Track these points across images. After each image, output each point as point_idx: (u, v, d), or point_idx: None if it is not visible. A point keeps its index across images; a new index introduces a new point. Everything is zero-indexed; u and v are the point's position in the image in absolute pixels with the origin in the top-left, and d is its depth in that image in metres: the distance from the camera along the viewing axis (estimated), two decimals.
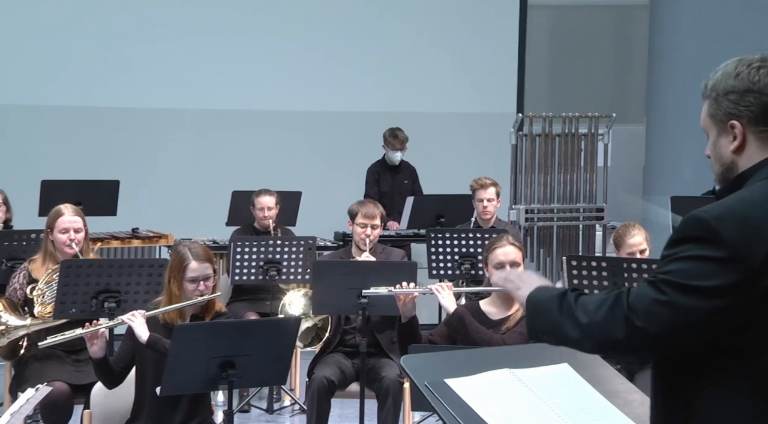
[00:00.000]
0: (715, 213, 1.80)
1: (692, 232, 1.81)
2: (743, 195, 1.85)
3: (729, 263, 1.76)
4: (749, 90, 1.88)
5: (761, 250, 1.76)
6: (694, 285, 1.77)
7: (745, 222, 1.78)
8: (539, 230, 7.30)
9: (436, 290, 4.22)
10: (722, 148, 1.92)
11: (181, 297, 3.83)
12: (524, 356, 2.47)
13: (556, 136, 7.27)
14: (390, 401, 4.58)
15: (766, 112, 1.87)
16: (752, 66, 1.89)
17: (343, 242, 6.88)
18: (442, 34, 8.39)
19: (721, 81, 1.91)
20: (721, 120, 1.91)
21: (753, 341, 1.78)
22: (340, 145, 8.29)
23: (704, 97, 1.95)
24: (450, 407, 2.17)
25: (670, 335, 1.80)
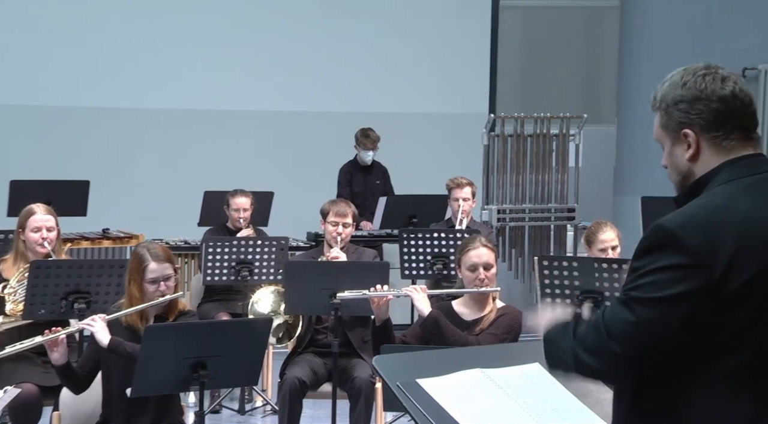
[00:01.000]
0: (678, 221, 1.82)
1: (657, 241, 1.83)
2: (704, 201, 1.87)
3: (694, 269, 1.78)
4: (698, 98, 1.89)
5: (724, 254, 1.78)
6: (664, 296, 1.79)
7: (708, 228, 1.80)
8: (511, 230, 7.33)
9: (412, 291, 4.23)
10: (678, 158, 1.94)
11: (142, 299, 3.80)
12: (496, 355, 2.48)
13: (527, 136, 7.31)
14: (362, 401, 4.58)
15: (717, 118, 1.89)
16: (697, 74, 1.91)
17: (315, 242, 6.86)
18: (415, 34, 8.40)
19: (669, 91, 1.93)
20: (674, 130, 1.93)
21: (721, 344, 1.80)
22: (312, 145, 8.28)
23: (654, 109, 1.97)
24: (422, 407, 2.17)
25: (647, 353, 1.83)
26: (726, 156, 1.90)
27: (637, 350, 1.82)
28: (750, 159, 1.89)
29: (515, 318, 4.12)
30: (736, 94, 1.90)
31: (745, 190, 1.86)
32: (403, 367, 2.36)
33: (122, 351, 3.70)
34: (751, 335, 1.79)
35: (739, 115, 1.90)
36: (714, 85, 1.89)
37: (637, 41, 8.55)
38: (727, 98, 1.89)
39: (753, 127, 1.93)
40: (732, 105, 1.89)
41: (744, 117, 1.91)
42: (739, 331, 1.79)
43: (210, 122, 8.25)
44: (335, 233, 5.07)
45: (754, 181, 1.87)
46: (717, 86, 1.89)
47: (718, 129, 1.89)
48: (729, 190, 1.86)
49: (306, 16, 8.35)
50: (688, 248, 1.78)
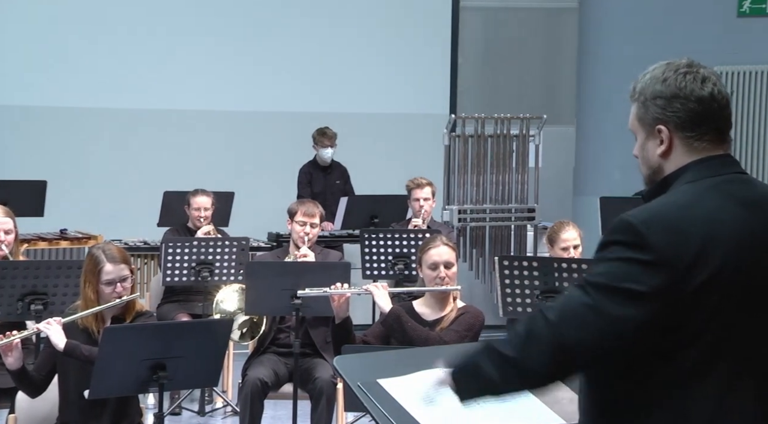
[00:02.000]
0: (642, 217, 1.83)
1: (620, 236, 1.83)
2: (670, 199, 1.88)
3: (656, 267, 1.78)
4: (676, 96, 1.90)
5: (688, 253, 1.78)
6: (623, 287, 1.79)
7: (672, 226, 1.80)
8: (472, 230, 7.36)
9: (372, 288, 4.23)
10: (649, 152, 1.94)
11: (98, 301, 3.76)
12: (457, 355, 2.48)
13: (488, 137, 7.34)
14: (323, 401, 4.57)
15: (692, 118, 1.89)
16: (679, 71, 1.91)
17: (276, 242, 6.84)
18: (375, 35, 8.40)
19: (649, 85, 1.93)
20: (649, 124, 1.93)
21: (681, 342, 1.81)
22: (273, 145, 8.24)
23: (632, 100, 1.97)
24: (382, 407, 2.17)
25: (595, 341, 1.81)
26: (696, 156, 1.90)
27: (586, 337, 1.80)
28: (718, 159, 1.90)
29: (476, 317, 4.14)
30: (715, 95, 1.90)
31: (711, 190, 1.86)
32: (364, 367, 2.36)
33: (79, 354, 3.66)
34: (712, 333, 1.80)
35: (715, 117, 1.91)
36: (694, 85, 1.89)
37: (596, 42, 8.63)
38: (705, 100, 1.89)
39: (727, 129, 1.94)
40: (709, 107, 1.90)
41: (719, 119, 1.91)
42: (700, 329, 1.80)
43: (170, 122, 8.19)
44: (303, 233, 5.07)
45: (719, 182, 1.88)
46: (696, 86, 1.89)
47: (693, 129, 1.90)
48: (694, 190, 1.87)
49: (266, 17, 8.32)
50: (650, 245, 1.79)
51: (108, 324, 3.78)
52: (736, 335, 1.81)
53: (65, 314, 3.82)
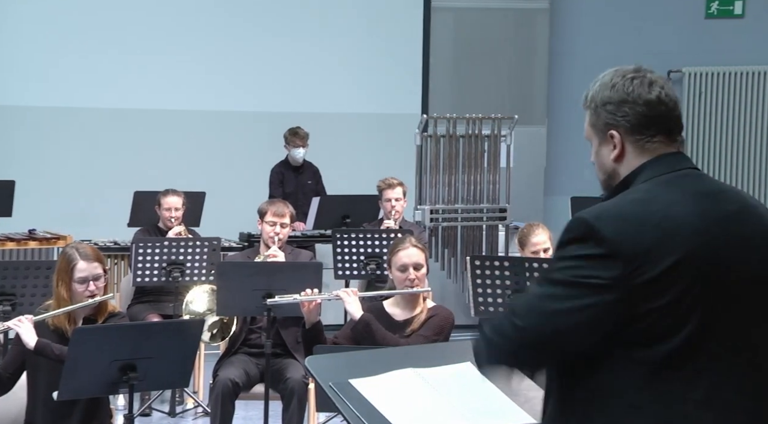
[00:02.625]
0: (595, 213, 1.87)
1: (574, 232, 1.87)
2: (626, 196, 1.91)
3: (609, 259, 1.81)
4: (624, 100, 1.93)
5: (642, 244, 1.81)
6: (580, 282, 1.82)
7: (625, 218, 1.84)
8: (444, 230, 7.38)
9: (343, 294, 4.22)
10: (604, 157, 1.98)
11: (71, 300, 3.73)
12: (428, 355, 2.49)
13: (460, 137, 7.36)
14: (295, 402, 4.56)
15: (641, 121, 1.93)
16: (626, 77, 1.95)
17: (248, 242, 6.82)
18: (347, 35, 8.39)
19: (599, 92, 1.97)
20: (601, 130, 1.97)
21: (637, 334, 1.82)
22: (244, 145, 8.21)
23: (585, 108, 2.01)
24: (354, 408, 2.17)
25: (554, 335, 1.84)
26: (648, 157, 1.94)
27: (540, 326, 1.84)
28: (671, 156, 1.94)
29: (446, 318, 4.14)
30: (662, 98, 1.94)
31: (665, 184, 1.90)
32: (335, 367, 2.36)
33: (49, 353, 3.63)
34: (667, 326, 1.82)
35: (664, 119, 1.94)
36: (641, 89, 1.93)
37: (567, 43, 8.68)
38: (653, 103, 1.93)
39: (677, 130, 1.97)
40: (657, 110, 1.93)
41: (668, 121, 1.95)
42: (655, 322, 1.81)
43: (140, 122, 8.13)
44: (273, 233, 5.06)
45: (673, 177, 1.91)
46: (644, 90, 1.93)
47: (642, 132, 1.94)
48: (648, 186, 1.91)
49: (239, 18, 8.29)
50: (603, 238, 1.82)
51: (80, 325, 3.75)
52: (701, 325, 1.83)
53: (36, 313, 3.78)
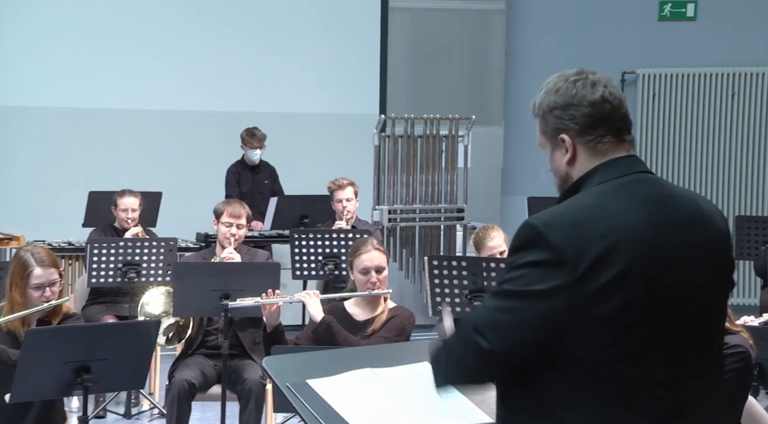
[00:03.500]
0: (544, 219, 1.87)
1: (524, 238, 1.88)
2: (575, 201, 1.92)
3: (558, 265, 1.82)
4: (570, 103, 1.95)
5: (590, 252, 1.82)
6: (529, 291, 1.84)
7: (575, 225, 1.84)
8: (402, 231, 7.38)
9: (304, 297, 4.21)
10: (557, 162, 2.00)
11: (25, 304, 3.68)
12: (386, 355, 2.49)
13: (417, 137, 7.37)
14: (252, 403, 4.54)
15: (589, 122, 1.95)
16: (569, 80, 1.97)
17: (205, 242, 6.78)
18: (304, 34, 8.37)
19: (545, 98, 1.99)
20: (552, 135, 1.99)
21: (586, 339, 1.84)
22: (201, 145, 8.16)
23: (534, 116, 2.03)
24: (312, 408, 2.17)
25: (512, 347, 1.86)
26: (600, 159, 1.95)
27: (502, 342, 1.85)
28: (622, 160, 1.95)
29: (407, 319, 4.15)
30: (606, 97, 1.95)
31: (616, 190, 1.91)
32: (293, 368, 2.35)
33: (5, 358, 3.58)
34: (614, 333, 1.83)
35: (610, 118, 1.96)
36: (584, 90, 1.95)
37: (523, 44, 8.74)
38: (597, 102, 1.95)
39: (625, 129, 1.98)
40: (602, 109, 1.95)
41: (615, 119, 1.96)
42: (603, 329, 1.83)
43: (96, 121, 8.04)
44: (229, 234, 5.03)
45: (625, 182, 1.92)
46: (587, 91, 1.95)
47: (591, 133, 1.95)
48: (600, 190, 1.91)
49: (195, 15, 8.23)
50: (551, 245, 1.83)
51: (33, 326, 3.70)
52: (647, 332, 1.85)
53: None
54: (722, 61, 8.54)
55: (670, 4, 8.65)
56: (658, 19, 8.68)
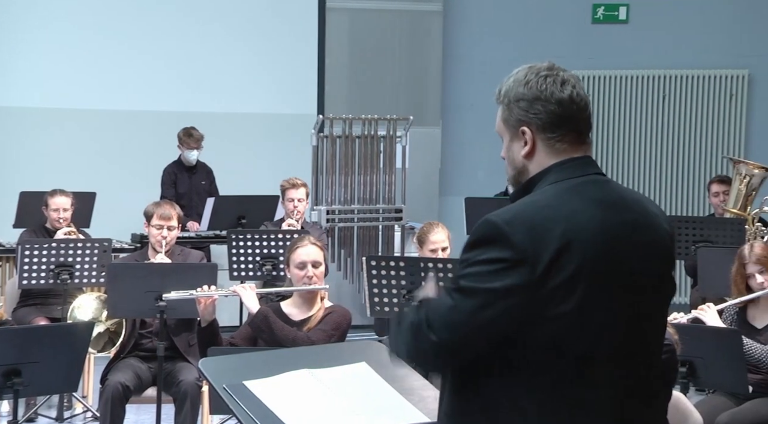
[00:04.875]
0: (505, 217, 1.88)
1: (484, 235, 1.88)
2: (532, 199, 1.93)
3: (517, 264, 1.83)
4: (537, 98, 1.95)
5: (546, 252, 1.83)
6: (485, 288, 1.84)
7: (533, 225, 1.85)
8: (340, 231, 7.38)
9: (240, 290, 4.19)
10: (514, 153, 2.00)
11: None
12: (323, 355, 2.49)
13: (356, 137, 7.38)
14: (188, 405, 4.50)
15: (553, 120, 1.95)
16: (540, 75, 1.97)
17: (140, 243, 6.69)
18: (242, 34, 8.31)
19: (512, 88, 1.98)
20: (513, 126, 1.98)
21: (541, 338, 1.86)
22: (137, 145, 8.04)
23: (498, 102, 2.02)
24: (249, 409, 2.16)
25: (464, 343, 1.87)
26: (557, 157, 1.96)
27: (454, 338, 1.86)
28: (578, 161, 1.97)
29: (343, 316, 4.15)
30: (574, 98, 1.96)
31: (571, 190, 1.93)
32: (229, 369, 2.34)
33: None
34: (568, 332, 1.85)
35: (575, 119, 1.97)
36: (554, 87, 1.95)
37: (460, 46, 8.80)
38: (565, 102, 1.95)
39: (586, 131, 2.00)
40: (569, 109, 1.96)
41: (579, 121, 1.98)
42: (558, 328, 1.85)
43: (27, 120, 7.88)
44: (160, 237, 4.98)
45: (580, 183, 1.94)
46: (556, 89, 1.95)
47: (554, 131, 1.96)
48: (556, 190, 1.93)
49: (131, 13, 8.12)
50: (512, 244, 1.84)
51: None
52: (600, 331, 1.87)
53: None
54: (653, 63, 8.71)
55: (603, 7, 8.79)
56: (592, 22, 8.81)
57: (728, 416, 4.16)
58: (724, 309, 4.46)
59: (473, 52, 8.76)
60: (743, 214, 6.49)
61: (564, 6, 8.74)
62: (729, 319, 4.47)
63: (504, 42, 8.65)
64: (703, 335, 4.06)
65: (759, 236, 6.16)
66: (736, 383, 4.10)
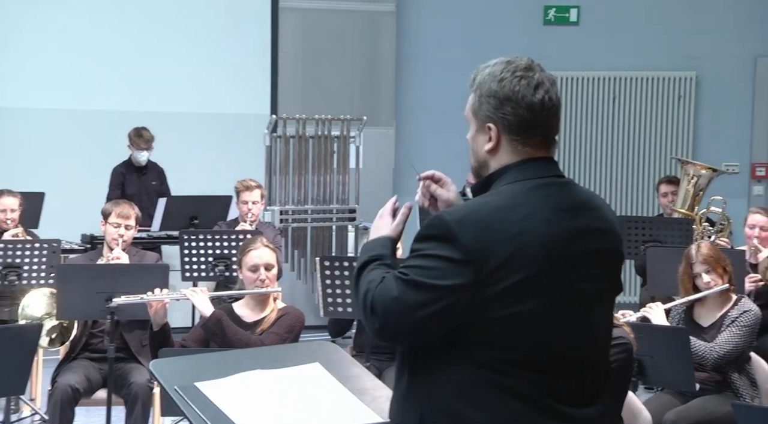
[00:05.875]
0: (457, 216, 1.89)
1: (435, 231, 1.90)
2: (486, 200, 1.94)
3: (463, 265, 1.85)
4: (508, 99, 1.95)
5: (495, 255, 1.85)
6: (431, 283, 1.86)
7: (485, 227, 1.86)
8: (294, 231, 7.36)
9: (191, 293, 4.16)
10: (478, 145, 2.01)
11: None
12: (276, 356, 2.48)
13: (309, 138, 7.36)
14: (139, 407, 4.46)
15: (521, 123, 1.95)
16: (516, 74, 1.96)
17: (91, 244, 6.62)
18: (194, 34, 8.24)
19: (486, 81, 1.98)
20: (481, 119, 1.99)
21: (485, 338, 1.87)
22: (87, 145, 7.94)
23: (471, 88, 2.02)
24: (200, 411, 2.15)
25: (403, 334, 1.90)
26: (519, 158, 1.96)
27: (393, 327, 1.89)
28: (539, 162, 1.97)
29: (297, 318, 4.15)
30: (545, 103, 1.96)
31: (528, 192, 1.93)
32: (181, 371, 2.32)
33: None
34: (511, 334, 1.87)
35: (543, 124, 1.97)
36: (526, 90, 1.95)
37: (413, 46, 8.83)
38: (536, 107, 1.95)
39: (553, 134, 2.00)
40: (538, 114, 1.95)
41: (546, 127, 1.98)
42: (501, 329, 1.86)
43: None
44: (117, 235, 4.93)
45: (537, 185, 1.94)
46: (528, 92, 1.95)
47: (519, 134, 1.96)
48: (512, 191, 1.93)
49: (80, 11, 8.01)
50: (460, 244, 1.85)
51: None
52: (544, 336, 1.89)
53: None
54: (604, 65, 8.81)
55: (555, 8, 8.87)
56: (543, 23, 8.89)
57: (675, 413, 4.23)
58: (671, 308, 4.53)
59: (426, 53, 8.79)
60: (691, 214, 6.59)
61: (516, 7, 8.80)
62: (676, 318, 4.54)
63: (456, 43, 8.69)
64: (652, 334, 4.12)
65: (706, 236, 6.26)
66: (683, 381, 4.17)
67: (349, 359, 2.50)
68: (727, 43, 8.69)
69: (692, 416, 4.20)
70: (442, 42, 8.76)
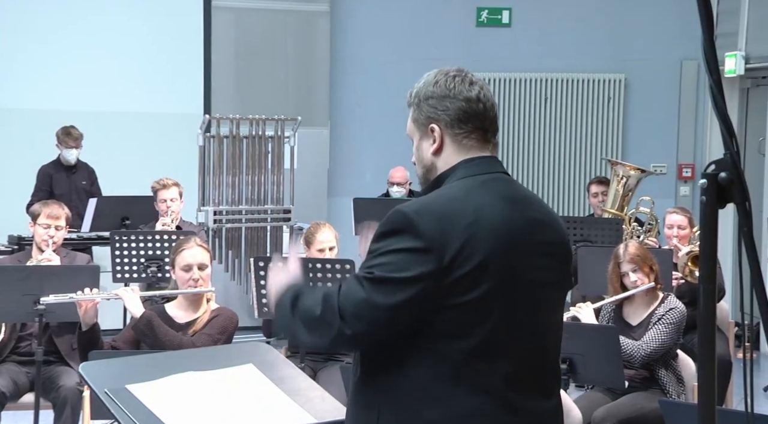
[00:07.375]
0: (414, 208, 1.95)
1: (393, 225, 1.94)
2: (441, 192, 2.01)
3: (426, 253, 1.89)
4: (446, 96, 2.05)
5: (454, 242, 1.90)
6: (396, 277, 1.90)
7: (442, 216, 1.93)
8: (228, 232, 7.31)
9: (122, 292, 4.11)
10: (423, 151, 2.08)
11: None
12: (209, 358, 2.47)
13: (243, 138, 7.31)
14: (68, 410, 4.39)
15: (460, 116, 2.05)
16: (449, 75, 2.08)
17: (18, 245, 6.48)
18: (125, 31, 8.13)
19: (423, 88, 2.09)
20: (423, 124, 2.08)
21: (445, 327, 1.91)
22: (13, 144, 7.78)
23: (409, 105, 2.11)
24: (131, 414, 2.13)
25: (375, 331, 1.92)
26: (465, 155, 2.05)
27: (365, 328, 1.91)
28: (485, 159, 2.06)
29: (230, 319, 4.12)
30: (480, 97, 2.06)
31: (479, 186, 2.01)
32: (112, 373, 2.30)
33: None
34: (470, 321, 1.91)
35: (481, 117, 2.06)
36: (462, 86, 2.06)
37: (347, 47, 8.84)
38: (472, 99, 2.05)
39: (492, 131, 2.10)
40: (475, 107, 2.06)
41: (485, 120, 2.07)
42: (460, 316, 1.90)
43: None
44: (47, 236, 4.84)
45: (487, 179, 2.03)
46: (464, 88, 2.06)
47: (461, 127, 2.05)
48: (465, 185, 2.01)
49: (8, 7, 7.84)
50: (421, 232, 1.90)
51: None
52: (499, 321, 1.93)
53: None
54: (535, 66, 8.92)
55: (487, 10, 8.95)
56: (476, 25, 8.97)
57: (605, 410, 4.31)
58: (601, 307, 4.61)
59: (360, 53, 8.80)
60: (620, 214, 6.71)
61: (449, 9, 8.87)
62: (606, 317, 4.62)
63: (390, 43, 8.72)
64: (582, 333, 4.19)
65: (635, 236, 6.38)
66: (613, 378, 4.24)
67: (283, 360, 2.50)
68: (655, 47, 8.87)
69: (621, 412, 4.28)
70: (375, 42, 8.79)
